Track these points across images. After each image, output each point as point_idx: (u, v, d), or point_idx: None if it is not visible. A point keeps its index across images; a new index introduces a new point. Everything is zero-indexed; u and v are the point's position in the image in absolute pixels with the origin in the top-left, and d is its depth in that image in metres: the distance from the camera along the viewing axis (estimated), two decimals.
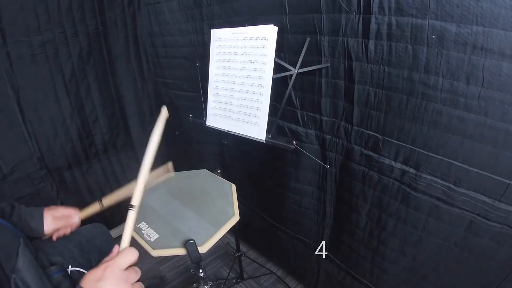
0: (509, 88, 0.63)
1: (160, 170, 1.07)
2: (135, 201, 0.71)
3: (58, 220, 0.94)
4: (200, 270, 1.15)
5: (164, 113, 0.84)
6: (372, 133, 0.93)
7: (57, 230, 0.95)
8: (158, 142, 0.78)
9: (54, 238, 0.96)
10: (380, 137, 0.91)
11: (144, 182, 0.73)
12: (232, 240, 1.81)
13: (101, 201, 0.99)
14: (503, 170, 0.69)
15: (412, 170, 0.86)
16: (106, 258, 0.62)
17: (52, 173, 1.56)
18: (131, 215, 0.69)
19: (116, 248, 0.65)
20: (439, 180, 0.81)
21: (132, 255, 0.62)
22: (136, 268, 0.63)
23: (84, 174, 1.71)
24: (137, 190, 0.72)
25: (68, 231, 0.97)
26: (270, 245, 1.66)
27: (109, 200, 0.99)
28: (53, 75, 1.46)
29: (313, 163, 1.17)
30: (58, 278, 0.85)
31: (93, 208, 0.99)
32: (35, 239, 0.93)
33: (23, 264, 0.69)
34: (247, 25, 1.07)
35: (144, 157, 0.76)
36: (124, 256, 0.62)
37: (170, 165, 1.08)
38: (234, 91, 1.15)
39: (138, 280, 0.62)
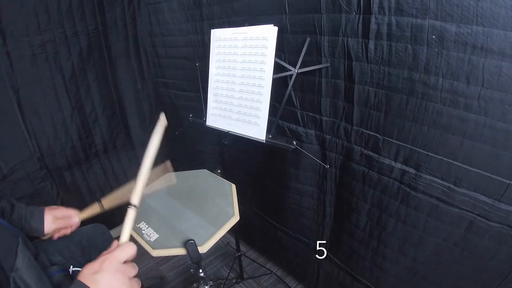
0: (509, 88, 0.63)
1: (159, 169, 1.07)
2: (135, 200, 0.72)
3: (58, 220, 0.94)
4: (200, 270, 1.15)
5: (162, 120, 0.86)
6: (372, 133, 0.93)
7: (58, 230, 0.95)
8: (157, 148, 0.80)
9: (55, 237, 0.96)
10: (380, 137, 0.91)
11: (144, 184, 0.74)
12: (232, 240, 1.81)
13: (100, 202, 0.99)
14: (503, 170, 0.69)
15: (412, 170, 0.86)
16: (104, 252, 0.62)
17: (52, 173, 1.56)
18: (131, 213, 0.70)
19: (115, 243, 0.65)
20: (439, 180, 0.81)
21: (131, 249, 0.62)
22: (134, 263, 0.63)
23: (84, 174, 1.71)
24: (136, 191, 0.72)
25: (68, 231, 0.97)
26: (270, 245, 1.66)
27: (109, 202, 0.99)
28: (53, 75, 1.46)
29: (313, 163, 1.17)
30: (59, 278, 0.86)
31: (93, 209, 0.99)
32: (35, 239, 0.93)
33: (22, 263, 0.69)
34: (247, 25, 1.07)
35: (143, 160, 0.76)
36: (122, 249, 0.61)
37: (168, 163, 1.08)
38: (234, 91, 1.15)
39: (136, 276, 0.62)
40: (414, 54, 0.75)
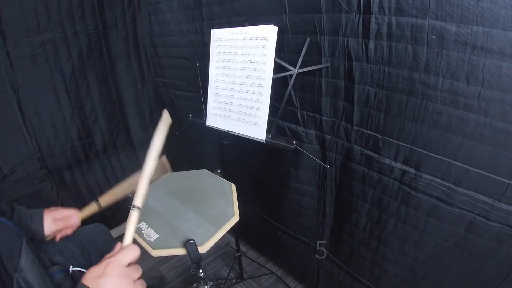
0: (509, 88, 0.63)
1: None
2: (138, 202, 0.71)
3: (58, 222, 0.94)
4: (200, 270, 1.15)
5: (166, 117, 0.83)
6: (372, 133, 0.93)
7: (58, 231, 0.95)
8: (161, 147, 0.78)
9: (57, 238, 0.96)
10: (380, 137, 0.91)
11: (147, 185, 0.73)
12: (232, 240, 1.81)
13: (97, 201, 0.99)
14: (503, 170, 0.69)
15: (412, 170, 0.86)
16: (108, 255, 0.62)
17: (52, 173, 1.56)
18: (134, 215, 0.69)
19: (118, 245, 0.65)
20: (439, 180, 0.81)
21: (134, 252, 0.62)
22: (137, 265, 0.63)
23: (84, 174, 1.71)
24: (139, 193, 0.71)
25: (69, 231, 0.97)
26: (270, 245, 1.66)
27: (106, 199, 0.99)
28: (53, 75, 1.46)
29: (313, 163, 1.17)
30: (60, 278, 0.86)
31: (92, 208, 0.99)
32: (36, 239, 0.93)
33: (26, 263, 0.69)
34: (247, 25, 1.07)
35: (145, 160, 0.75)
36: (126, 252, 0.61)
37: (164, 159, 1.06)
38: (234, 91, 1.15)
39: (140, 278, 0.62)
40: (414, 54, 0.75)
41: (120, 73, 1.74)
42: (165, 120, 0.83)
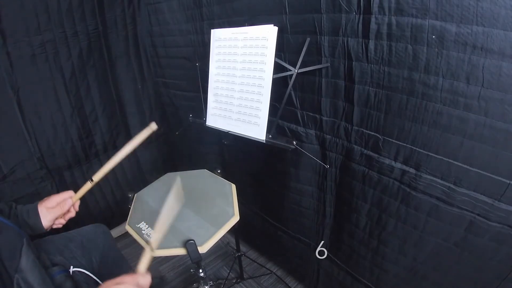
0: (509, 88, 0.63)
1: (145, 131, 1.04)
2: (154, 243, 0.80)
3: (53, 209, 0.90)
4: (200, 270, 1.15)
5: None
6: (372, 133, 0.93)
7: (59, 217, 0.92)
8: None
9: (56, 223, 0.92)
10: (380, 137, 0.91)
11: (165, 230, 0.83)
12: (232, 240, 1.81)
13: (92, 180, 0.96)
14: (503, 170, 0.69)
15: (412, 170, 0.86)
16: (124, 275, 0.69)
17: (52, 173, 1.56)
18: (148, 253, 0.76)
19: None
20: (439, 180, 0.81)
21: (147, 280, 0.70)
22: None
23: (84, 174, 1.71)
24: (157, 235, 0.82)
25: (73, 214, 0.94)
26: (270, 245, 1.66)
27: (99, 175, 0.97)
28: (53, 75, 1.46)
29: (313, 163, 1.17)
30: (60, 279, 0.86)
31: (85, 187, 0.96)
32: (36, 239, 0.93)
33: (26, 264, 0.69)
34: (247, 25, 1.07)
35: (162, 212, 0.85)
36: (142, 276, 0.70)
37: (153, 124, 1.04)
38: (234, 91, 1.15)
39: None
40: (414, 54, 0.75)
41: (120, 73, 1.74)
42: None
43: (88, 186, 0.96)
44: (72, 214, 0.95)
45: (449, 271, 0.88)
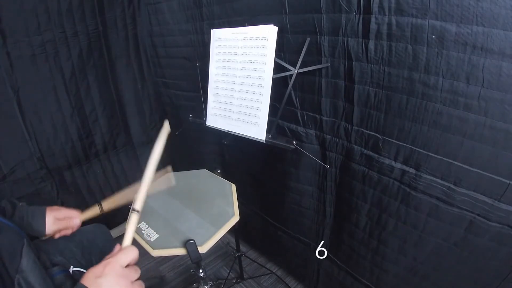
0: (509, 88, 0.63)
1: (159, 172, 1.07)
2: (138, 205, 0.73)
3: (60, 222, 0.94)
4: (200, 270, 1.15)
5: (166, 127, 0.90)
6: (372, 133, 0.93)
7: (58, 231, 0.95)
8: (160, 154, 0.84)
9: (57, 236, 0.95)
10: (380, 137, 0.91)
11: (147, 190, 0.76)
12: (232, 240, 1.81)
13: (100, 204, 0.99)
14: (503, 170, 0.69)
15: (412, 170, 0.86)
16: (107, 256, 0.63)
17: (52, 173, 1.56)
18: (133, 217, 0.71)
19: (117, 247, 0.66)
20: (439, 180, 0.81)
21: (133, 253, 0.63)
22: (136, 266, 0.64)
23: (84, 174, 1.71)
24: (139, 197, 0.74)
25: (68, 232, 0.97)
26: (270, 245, 1.66)
27: (109, 204, 0.99)
28: (53, 75, 1.46)
29: (313, 163, 1.17)
30: (60, 279, 0.86)
31: (93, 211, 0.99)
32: (36, 239, 0.93)
33: (27, 264, 0.69)
34: (247, 25, 1.07)
35: (146, 166, 0.79)
36: (124, 253, 0.63)
37: (169, 168, 1.09)
38: (234, 91, 1.15)
39: (138, 279, 0.63)
40: (414, 54, 0.75)
41: (120, 73, 1.74)
42: (166, 130, 0.89)
43: (96, 211, 0.98)
44: (68, 232, 0.97)
45: (449, 271, 0.88)
